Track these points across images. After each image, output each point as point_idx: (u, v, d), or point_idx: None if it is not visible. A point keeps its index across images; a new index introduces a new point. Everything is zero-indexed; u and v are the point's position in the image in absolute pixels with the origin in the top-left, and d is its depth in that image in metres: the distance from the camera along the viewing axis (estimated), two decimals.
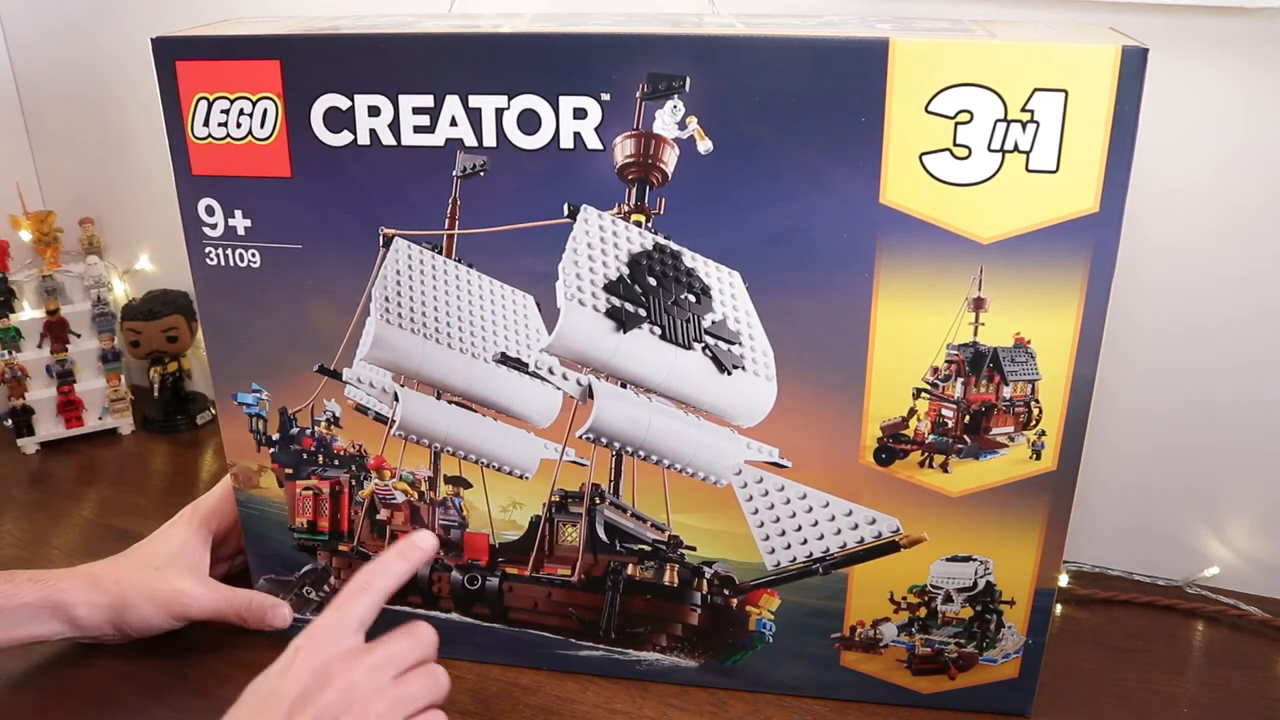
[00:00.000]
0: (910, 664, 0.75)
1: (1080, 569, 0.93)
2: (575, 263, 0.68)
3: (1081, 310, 0.64)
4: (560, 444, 0.73)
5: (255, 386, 0.77)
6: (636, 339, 0.69)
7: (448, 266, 0.70)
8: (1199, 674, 0.81)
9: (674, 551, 0.74)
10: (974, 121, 0.60)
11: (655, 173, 0.65)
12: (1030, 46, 0.59)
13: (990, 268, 0.63)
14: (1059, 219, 0.62)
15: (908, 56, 0.59)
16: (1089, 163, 0.60)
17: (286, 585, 0.83)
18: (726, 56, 0.61)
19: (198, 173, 0.71)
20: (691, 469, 0.72)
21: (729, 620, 0.76)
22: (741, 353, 0.68)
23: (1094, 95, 0.59)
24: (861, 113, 0.61)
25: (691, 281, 0.67)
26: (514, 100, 0.64)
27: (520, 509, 0.76)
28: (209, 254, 0.73)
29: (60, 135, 1.25)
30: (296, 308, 0.73)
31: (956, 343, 0.66)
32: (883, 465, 0.69)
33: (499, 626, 0.79)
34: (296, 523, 0.80)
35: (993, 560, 0.71)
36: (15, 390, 1.14)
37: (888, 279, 0.64)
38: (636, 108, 0.63)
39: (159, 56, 0.68)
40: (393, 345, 0.72)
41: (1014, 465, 0.68)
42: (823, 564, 0.72)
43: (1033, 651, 0.74)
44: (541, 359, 0.71)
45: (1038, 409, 0.67)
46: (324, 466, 0.78)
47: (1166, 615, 0.88)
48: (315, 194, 0.70)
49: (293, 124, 0.68)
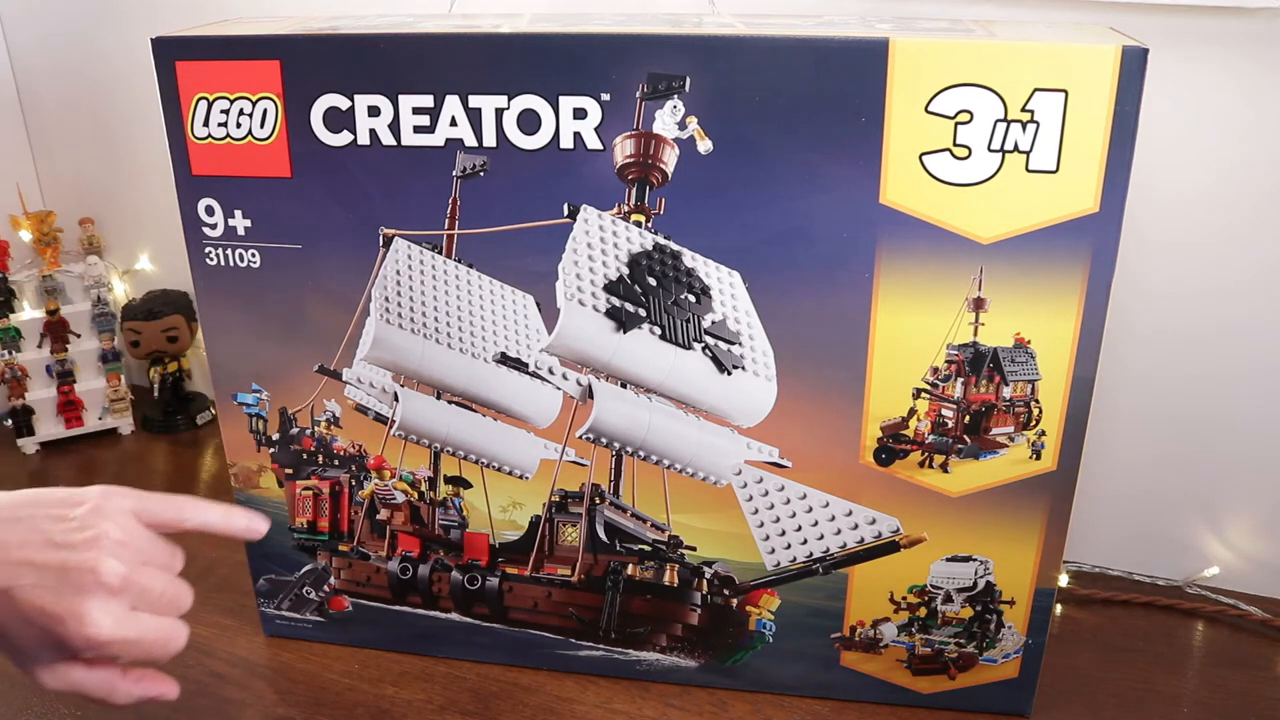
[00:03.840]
0: (910, 664, 0.75)
1: (1080, 569, 0.93)
2: (575, 263, 0.68)
3: (1081, 310, 0.64)
4: (560, 444, 0.73)
5: (255, 386, 0.77)
6: (636, 339, 0.69)
7: (448, 266, 0.70)
8: (1199, 674, 0.81)
9: (674, 551, 0.74)
10: (974, 121, 0.60)
11: (655, 173, 0.65)
12: (1030, 46, 0.59)
13: (990, 268, 0.63)
14: (1059, 219, 0.62)
15: (908, 56, 0.59)
16: (1089, 163, 0.60)
17: (286, 585, 0.83)
18: (726, 56, 0.61)
19: (198, 173, 0.71)
20: (691, 469, 0.72)
21: (729, 620, 0.76)
22: (741, 353, 0.68)
23: (1094, 95, 0.59)
24: (861, 113, 0.61)
25: (691, 281, 0.67)
26: (514, 100, 0.64)
27: (520, 509, 0.76)
28: (209, 254, 0.73)
29: (60, 135, 1.25)
30: (296, 308, 0.73)
31: (956, 343, 0.66)
32: (883, 465, 0.69)
33: (499, 626, 0.79)
34: (296, 523, 0.80)
35: (993, 560, 0.71)
36: (15, 390, 1.14)
37: (888, 279, 0.64)
38: (636, 108, 0.63)
39: (159, 56, 0.68)
40: (393, 345, 0.72)
41: (1014, 465, 0.68)
42: (823, 564, 0.72)
43: (1033, 651, 0.74)
44: (541, 359, 0.71)
45: (1038, 409, 0.67)
46: (324, 466, 0.78)
47: (1166, 615, 0.88)
48: (315, 194, 0.70)
49: (293, 124, 0.68)
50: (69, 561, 0.58)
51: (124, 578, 0.59)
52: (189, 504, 0.64)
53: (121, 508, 0.61)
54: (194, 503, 0.65)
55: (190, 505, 0.64)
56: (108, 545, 0.59)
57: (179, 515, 0.64)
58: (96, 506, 0.60)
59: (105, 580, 0.58)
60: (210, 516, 0.65)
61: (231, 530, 0.66)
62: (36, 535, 0.58)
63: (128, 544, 0.60)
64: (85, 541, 0.59)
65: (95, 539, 0.59)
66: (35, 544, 0.58)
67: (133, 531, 0.61)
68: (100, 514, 0.60)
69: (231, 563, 0.93)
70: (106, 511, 0.60)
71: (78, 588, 0.58)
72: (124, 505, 0.61)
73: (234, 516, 0.66)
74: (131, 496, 0.62)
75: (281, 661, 0.81)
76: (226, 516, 0.66)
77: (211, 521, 0.65)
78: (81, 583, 0.58)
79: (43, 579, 0.57)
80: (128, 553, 0.59)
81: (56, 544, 0.58)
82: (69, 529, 0.59)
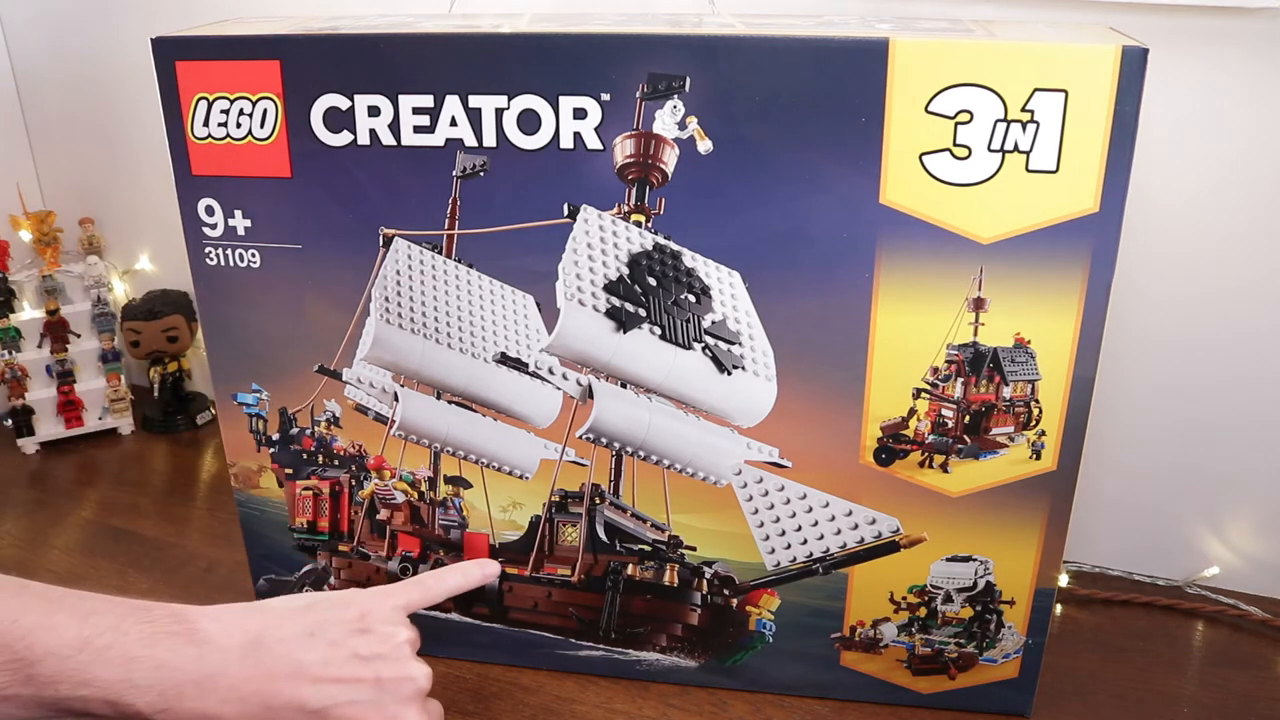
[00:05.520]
0: (910, 664, 0.75)
1: (1080, 569, 0.93)
2: (575, 263, 0.68)
3: (1081, 310, 0.64)
4: (560, 444, 0.73)
5: (255, 386, 0.77)
6: (636, 339, 0.69)
7: (448, 266, 0.70)
8: (1199, 674, 0.81)
9: (674, 551, 0.74)
10: (974, 121, 0.60)
11: (655, 173, 0.65)
12: (1030, 46, 0.59)
13: (990, 268, 0.63)
14: (1059, 219, 0.62)
15: (908, 56, 0.59)
16: (1089, 163, 0.60)
17: (286, 585, 0.83)
18: (726, 56, 0.61)
19: (198, 173, 0.71)
20: (691, 469, 0.72)
21: (729, 620, 0.76)
22: (741, 353, 0.68)
23: (1094, 95, 0.59)
24: (861, 113, 0.61)
25: (691, 281, 0.67)
26: (514, 100, 0.64)
27: (520, 509, 0.76)
28: (209, 254, 0.73)
29: (60, 135, 1.25)
30: (296, 308, 0.73)
31: (956, 343, 0.66)
32: (883, 465, 0.69)
33: (499, 626, 0.79)
34: (296, 523, 0.80)
35: (993, 560, 0.71)
36: (15, 390, 1.14)
37: (888, 279, 0.64)
38: (636, 108, 0.63)
39: (159, 56, 0.68)
40: (393, 345, 0.72)
41: (1014, 465, 0.68)
42: (823, 564, 0.72)
43: (1033, 651, 0.74)
44: (541, 359, 0.71)
45: (1038, 409, 0.67)
46: (324, 466, 0.78)
47: (1166, 615, 0.88)
48: (315, 194, 0.70)
49: (293, 124, 0.68)
50: (384, 674, 0.59)
51: (428, 677, 0.61)
52: (432, 580, 0.67)
53: (395, 606, 0.63)
54: (436, 578, 0.67)
55: (434, 581, 0.67)
56: (410, 650, 0.61)
57: (427, 598, 0.66)
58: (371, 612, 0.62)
59: (422, 685, 0.61)
60: (451, 583, 0.68)
61: (485, 581, 0.70)
62: (342, 651, 0.59)
63: (414, 643, 0.62)
64: (393, 649, 0.60)
65: (400, 645, 0.61)
66: (341, 659, 0.59)
67: (411, 630, 0.63)
68: (386, 620, 0.62)
69: (231, 563, 0.93)
70: (388, 617, 0.62)
71: (397, 698, 0.59)
72: (397, 603, 0.64)
73: (471, 574, 0.69)
74: (396, 595, 0.64)
75: None
76: (466, 578, 0.69)
77: (454, 589, 0.68)
78: (400, 693, 0.60)
79: (358, 694, 0.59)
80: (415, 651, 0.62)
81: (364, 657, 0.59)
82: (373, 641, 0.60)
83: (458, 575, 0.68)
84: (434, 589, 0.66)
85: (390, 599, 0.63)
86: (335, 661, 0.58)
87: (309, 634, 0.59)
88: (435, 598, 0.67)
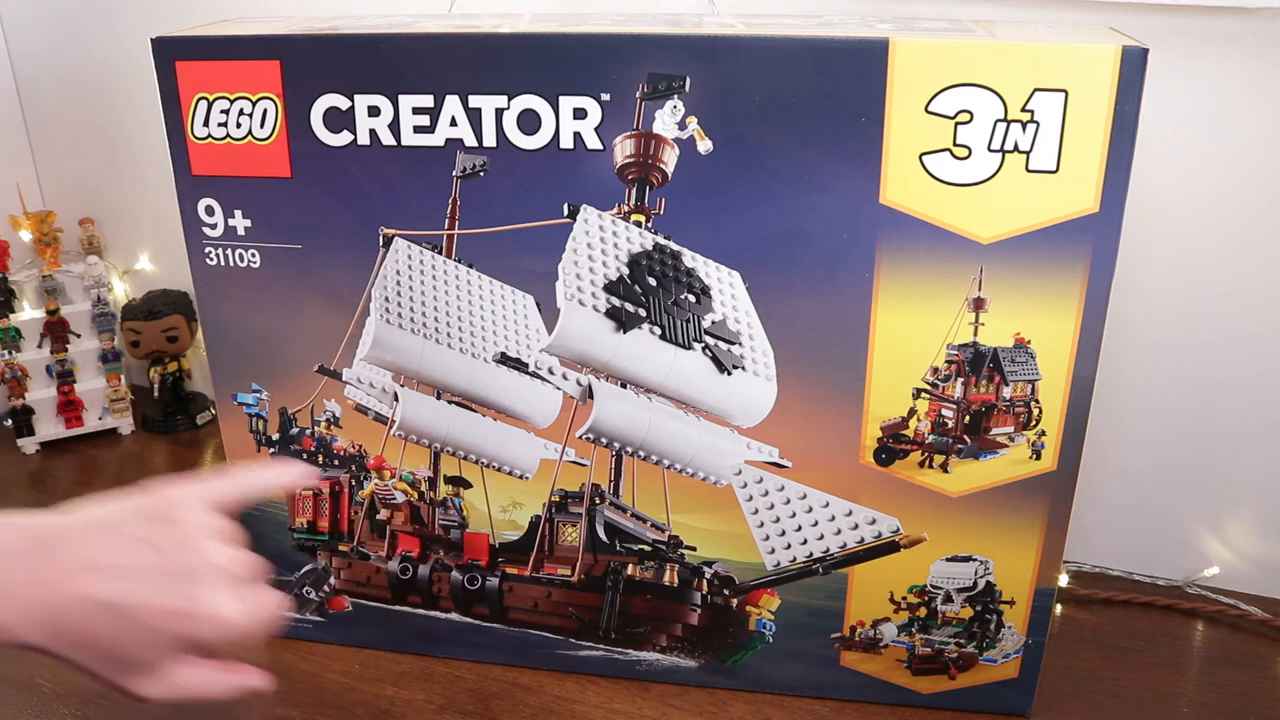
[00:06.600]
0: (910, 664, 0.75)
1: (1080, 569, 0.93)
2: (575, 263, 0.68)
3: (1081, 310, 0.64)
4: (560, 444, 0.73)
5: (255, 386, 0.77)
6: (636, 339, 0.69)
7: (448, 266, 0.70)
8: (1199, 674, 0.81)
9: (674, 551, 0.74)
10: (974, 121, 0.60)
11: (655, 173, 0.65)
12: (1030, 46, 0.59)
13: (990, 268, 0.63)
14: (1059, 219, 0.62)
15: (908, 56, 0.59)
16: (1089, 163, 0.60)
17: (286, 585, 0.83)
18: (726, 56, 0.61)
19: (198, 173, 0.71)
20: (691, 469, 0.72)
21: (729, 620, 0.76)
22: (741, 353, 0.68)
23: (1094, 95, 0.59)
24: (861, 113, 0.61)
25: (691, 281, 0.67)
26: (514, 100, 0.64)
27: (520, 509, 0.76)
28: (209, 254, 0.73)
29: (60, 135, 1.25)
30: (296, 308, 0.73)
31: (956, 343, 0.66)
32: (883, 465, 0.69)
33: (499, 626, 0.79)
34: (296, 523, 0.80)
35: (993, 560, 0.71)
36: (15, 390, 1.14)
37: (888, 279, 0.64)
38: (636, 108, 0.63)
39: (159, 56, 0.68)
40: (393, 345, 0.72)
41: (1014, 465, 0.68)
42: (823, 564, 0.72)
43: (1033, 651, 0.74)
44: (541, 359, 0.71)
45: (1038, 409, 0.67)
46: (324, 466, 0.78)
47: (1166, 615, 0.88)
48: (315, 194, 0.70)
49: (293, 124, 0.68)
50: (185, 563, 0.58)
51: (234, 560, 0.59)
52: (241, 473, 0.64)
53: (202, 496, 0.61)
54: (246, 471, 0.65)
55: (242, 474, 0.64)
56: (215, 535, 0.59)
57: (238, 488, 0.64)
58: (177, 502, 0.60)
59: (229, 570, 0.59)
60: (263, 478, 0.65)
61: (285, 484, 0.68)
62: (136, 541, 0.58)
63: (219, 529, 0.60)
64: (195, 535, 0.59)
65: (201, 530, 0.59)
66: (134, 549, 0.58)
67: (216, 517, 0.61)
68: (187, 508, 0.60)
69: None
70: (189, 504, 0.60)
71: (200, 584, 0.58)
72: (204, 493, 0.62)
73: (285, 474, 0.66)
74: (199, 485, 0.62)
75: (282, 661, 0.81)
76: (278, 475, 0.67)
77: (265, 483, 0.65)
78: (204, 579, 0.58)
79: (154, 583, 0.57)
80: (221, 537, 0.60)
81: (161, 547, 0.58)
82: (173, 530, 0.59)
83: (268, 471, 0.67)
84: (244, 482, 0.65)
85: (198, 490, 0.62)
86: (127, 551, 0.58)
87: (106, 532, 0.59)
88: (246, 490, 0.65)
